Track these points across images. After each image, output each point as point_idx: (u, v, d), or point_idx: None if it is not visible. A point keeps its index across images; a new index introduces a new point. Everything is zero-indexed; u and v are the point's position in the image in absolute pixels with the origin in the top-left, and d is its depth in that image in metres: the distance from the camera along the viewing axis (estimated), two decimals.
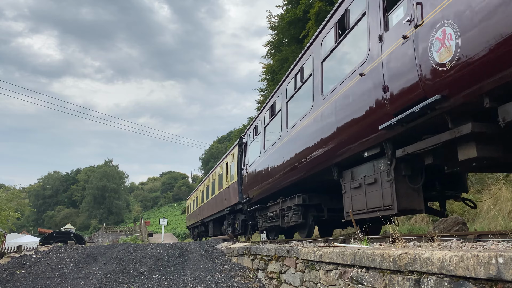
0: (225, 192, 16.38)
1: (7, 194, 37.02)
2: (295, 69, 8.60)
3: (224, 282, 6.25)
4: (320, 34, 7.26)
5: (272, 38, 27.62)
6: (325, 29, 6.99)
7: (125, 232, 51.29)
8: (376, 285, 3.11)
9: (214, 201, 19.27)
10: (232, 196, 14.87)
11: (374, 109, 5.05)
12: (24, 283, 6.62)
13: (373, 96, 5.06)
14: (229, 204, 15.44)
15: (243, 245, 8.05)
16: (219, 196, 17.87)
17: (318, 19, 19.20)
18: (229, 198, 15.49)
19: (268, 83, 28.38)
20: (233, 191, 14.57)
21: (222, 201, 17.03)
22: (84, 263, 7.94)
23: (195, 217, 27.22)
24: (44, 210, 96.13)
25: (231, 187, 15.04)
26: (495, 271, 2.04)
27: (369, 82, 5.19)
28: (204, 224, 23.93)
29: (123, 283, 6.36)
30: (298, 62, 8.42)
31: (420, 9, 4.29)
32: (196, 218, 26.23)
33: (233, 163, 15.17)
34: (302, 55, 8.17)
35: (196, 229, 28.16)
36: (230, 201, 15.18)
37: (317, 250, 4.29)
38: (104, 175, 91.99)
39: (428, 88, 4.09)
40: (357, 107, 5.48)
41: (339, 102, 6.09)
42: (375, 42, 5.16)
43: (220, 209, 17.57)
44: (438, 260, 2.42)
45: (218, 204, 18.10)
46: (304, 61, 8.02)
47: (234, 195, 14.47)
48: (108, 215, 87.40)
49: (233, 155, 15.20)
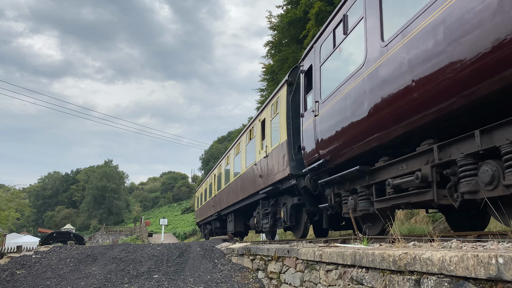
0: (259, 166, 11.47)
1: (7, 194, 37.02)
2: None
3: (224, 282, 6.26)
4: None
5: (272, 38, 27.63)
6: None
7: (125, 232, 51.35)
8: (376, 285, 3.11)
9: (238, 184, 14.29)
10: (274, 169, 10.04)
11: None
12: (24, 283, 6.62)
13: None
14: (267, 182, 10.57)
15: (243, 245, 8.05)
16: (247, 175, 12.94)
17: (318, 19, 19.22)
18: (267, 173, 10.65)
19: (268, 83, 28.39)
20: (278, 160, 9.72)
21: (252, 182, 12.13)
22: (84, 263, 7.94)
23: (207, 210, 22.00)
24: (44, 210, 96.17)
25: (273, 155, 10.19)
26: (495, 271, 2.04)
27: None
28: (220, 218, 19.04)
29: (123, 283, 6.36)
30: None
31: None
32: (210, 211, 21.05)
33: (276, 115, 10.04)
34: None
35: (209, 225, 22.78)
36: (270, 177, 10.38)
37: (317, 250, 4.29)
38: (104, 175, 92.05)
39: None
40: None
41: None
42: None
43: (248, 193, 12.72)
44: (438, 260, 2.42)
45: (245, 187, 13.19)
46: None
47: (279, 166, 9.63)
48: (108, 215, 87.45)
49: (278, 103, 9.94)
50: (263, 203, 11.47)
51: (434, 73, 4.18)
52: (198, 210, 26.78)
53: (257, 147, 11.79)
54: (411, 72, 4.54)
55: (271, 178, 10.23)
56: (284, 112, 9.38)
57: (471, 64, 3.69)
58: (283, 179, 9.49)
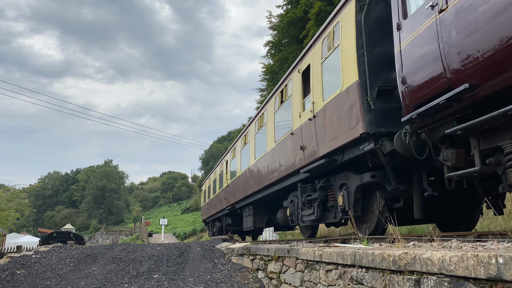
0: (298, 135, 8.19)
1: (7, 194, 37.00)
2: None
3: (224, 282, 6.26)
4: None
5: (272, 38, 27.64)
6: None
7: (125, 232, 51.33)
8: (376, 285, 3.11)
9: (261, 167, 11.06)
10: (329, 133, 6.81)
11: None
12: (24, 283, 6.62)
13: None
14: (314, 156, 7.43)
15: (243, 245, 8.05)
16: (276, 152, 9.69)
17: (318, 19, 19.22)
18: (314, 142, 7.41)
19: (268, 83, 28.39)
20: (338, 117, 6.52)
21: (286, 159, 8.99)
22: (84, 263, 7.94)
23: (217, 204, 18.60)
24: (44, 210, 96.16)
25: (326, 113, 6.93)
26: (495, 271, 2.04)
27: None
28: (233, 212, 15.82)
29: (123, 283, 6.36)
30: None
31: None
32: (220, 205, 17.78)
33: (334, 52, 6.90)
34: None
35: (219, 222, 19.27)
36: (320, 147, 7.17)
37: (317, 250, 4.29)
38: (104, 175, 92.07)
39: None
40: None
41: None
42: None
43: (279, 175, 9.42)
44: (438, 260, 2.42)
45: (273, 169, 9.93)
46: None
47: (340, 125, 6.42)
48: (108, 215, 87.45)
49: (336, 33, 6.82)
50: (303, 187, 8.33)
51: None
52: (205, 206, 23.19)
53: (294, 109, 8.59)
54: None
55: (322, 148, 7.05)
56: (353, 40, 6.14)
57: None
58: (347, 146, 6.34)
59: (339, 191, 6.97)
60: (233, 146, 15.82)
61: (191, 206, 70.98)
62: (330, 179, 7.54)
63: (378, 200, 6.22)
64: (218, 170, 18.79)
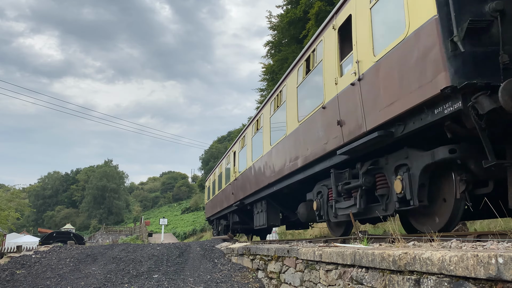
0: (334, 107, 6.63)
1: (7, 194, 36.98)
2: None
3: (224, 282, 6.26)
4: None
5: (272, 38, 27.65)
6: None
7: (125, 232, 51.30)
8: (376, 285, 3.11)
9: (278, 154, 9.53)
10: (384, 97, 5.17)
11: None
12: (24, 283, 6.62)
13: None
14: (357, 132, 5.86)
15: (243, 245, 8.05)
16: (300, 133, 8.11)
17: (318, 19, 19.22)
18: (359, 113, 5.80)
19: (268, 83, 28.39)
20: (401, 71, 4.86)
21: (315, 140, 7.34)
22: (84, 263, 7.94)
23: (223, 200, 16.85)
24: (44, 210, 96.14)
25: (380, 70, 5.33)
26: (495, 271, 2.04)
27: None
28: (242, 209, 14.21)
29: (123, 283, 6.36)
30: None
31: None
32: (227, 202, 15.98)
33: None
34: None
35: (224, 220, 17.47)
36: (367, 119, 5.58)
37: (317, 250, 4.29)
38: (104, 175, 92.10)
39: None
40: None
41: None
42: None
43: (303, 161, 7.84)
44: (438, 260, 2.42)
45: (296, 153, 8.24)
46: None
47: (406, 82, 4.75)
48: (108, 215, 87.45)
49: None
50: (338, 174, 6.77)
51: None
52: (209, 203, 21.12)
53: (327, 77, 6.89)
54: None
55: (372, 119, 5.45)
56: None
57: None
58: (413, 111, 4.70)
59: (395, 175, 5.45)
60: (242, 134, 14.06)
61: (191, 206, 70.98)
62: (379, 161, 5.90)
63: (455, 184, 4.77)
64: (225, 163, 16.97)
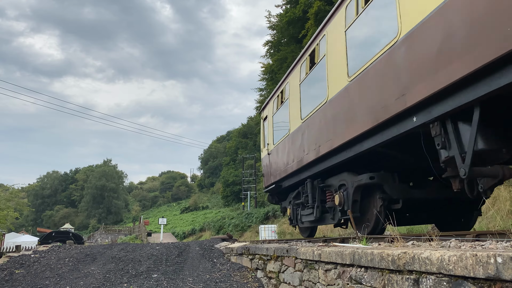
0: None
1: (5, 193, 36.93)
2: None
3: (223, 282, 6.25)
4: None
5: (271, 38, 27.65)
6: None
7: (124, 232, 51.23)
8: (375, 285, 3.11)
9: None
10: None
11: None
12: (23, 283, 6.61)
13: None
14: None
15: (242, 244, 8.05)
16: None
17: (317, 19, 19.22)
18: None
19: (267, 82, 28.39)
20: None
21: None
22: (83, 263, 7.93)
23: (315, 138, 6.96)
24: (43, 209, 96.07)
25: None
26: (494, 270, 2.04)
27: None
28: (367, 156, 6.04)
29: (122, 283, 6.36)
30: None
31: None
32: (322, 138, 6.65)
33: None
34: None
35: (304, 193, 8.08)
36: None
37: (316, 249, 4.29)
38: (103, 174, 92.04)
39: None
40: None
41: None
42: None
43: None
44: (437, 260, 2.42)
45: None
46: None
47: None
48: (107, 215, 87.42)
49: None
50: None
51: None
52: (274, 156, 10.00)
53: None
54: None
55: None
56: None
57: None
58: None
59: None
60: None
61: (190, 205, 71.00)
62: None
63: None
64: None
